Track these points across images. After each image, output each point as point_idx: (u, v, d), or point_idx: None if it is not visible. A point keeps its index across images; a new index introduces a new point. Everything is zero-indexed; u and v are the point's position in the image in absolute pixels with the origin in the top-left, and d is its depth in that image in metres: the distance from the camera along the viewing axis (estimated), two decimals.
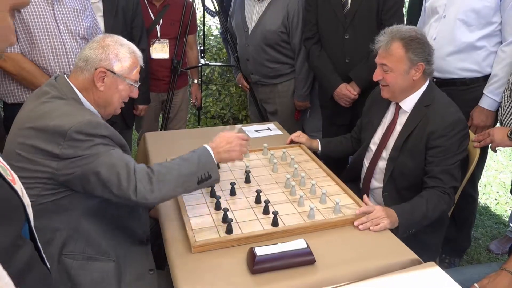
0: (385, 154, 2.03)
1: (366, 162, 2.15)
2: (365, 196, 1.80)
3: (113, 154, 1.43)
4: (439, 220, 2.03)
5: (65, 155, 1.38)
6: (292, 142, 2.36)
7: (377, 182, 2.10)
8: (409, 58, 1.87)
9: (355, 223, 1.67)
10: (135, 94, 1.68)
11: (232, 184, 1.84)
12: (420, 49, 1.87)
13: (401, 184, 1.98)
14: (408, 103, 1.96)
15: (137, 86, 1.66)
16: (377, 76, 1.96)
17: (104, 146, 1.43)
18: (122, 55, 1.58)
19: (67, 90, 1.52)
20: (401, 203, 1.86)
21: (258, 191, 1.79)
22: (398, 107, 2.00)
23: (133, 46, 1.64)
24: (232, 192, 1.84)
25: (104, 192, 1.42)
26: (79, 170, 1.39)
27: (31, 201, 1.38)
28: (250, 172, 1.98)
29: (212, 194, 1.81)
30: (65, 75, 1.58)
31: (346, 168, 2.40)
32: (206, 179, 1.55)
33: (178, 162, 1.55)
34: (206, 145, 1.63)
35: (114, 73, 1.56)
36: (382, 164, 2.05)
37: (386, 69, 1.91)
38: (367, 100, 2.27)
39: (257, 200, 1.78)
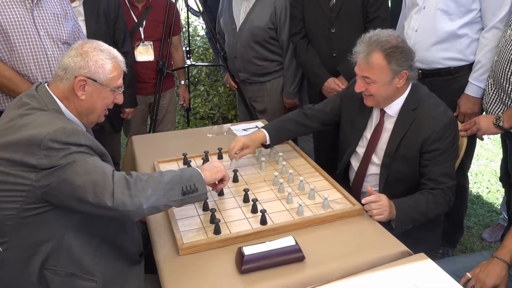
0: (376, 159, 1.98)
1: (354, 166, 2.09)
2: (368, 187, 1.76)
3: (89, 161, 1.36)
4: (437, 217, 2.02)
5: (42, 165, 1.33)
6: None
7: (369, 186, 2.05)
8: (392, 69, 1.79)
9: (363, 201, 1.66)
10: (119, 100, 1.62)
11: None
12: (402, 58, 1.79)
13: (398, 190, 1.92)
14: (394, 108, 1.91)
15: (120, 92, 1.60)
16: (359, 87, 1.87)
17: (80, 154, 1.36)
18: (102, 61, 1.51)
19: (47, 100, 1.48)
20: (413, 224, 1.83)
21: (246, 190, 1.78)
22: (383, 112, 1.95)
23: (114, 51, 1.58)
24: (220, 192, 1.82)
25: (80, 204, 1.34)
26: (55, 180, 1.33)
27: (12, 214, 1.36)
28: (237, 171, 1.96)
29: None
30: (46, 84, 1.53)
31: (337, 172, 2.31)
32: (192, 191, 1.45)
33: (159, 172, 1.48)
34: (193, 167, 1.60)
35: (94, 80, 1.50)
36: (374, 169, 2.00)
37: (369, 81, 1.82)
38: (342, 95, 2.17)
39: (245, 199, 1.77)
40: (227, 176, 1.66)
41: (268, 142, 2.10)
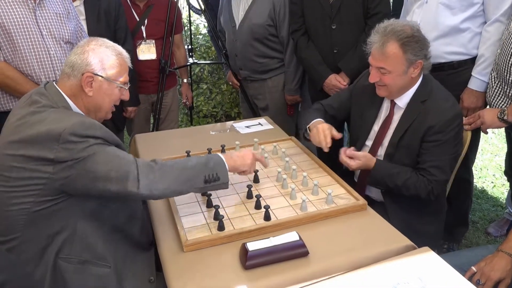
0: (381, 151, 1.98)
1: None
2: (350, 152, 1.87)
3: (109, 151, 1.41)
4: (437, 209, 2.02)
5: (60, 159, 1.35)
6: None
7: None
8: (407, 59, 1.78)
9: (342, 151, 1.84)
10: (126, 96, 1.64)
11: None
12: (418, 47, 1.79)
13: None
14: (404, 99, 1.91)
15: (126, 88, 1.63)
16: (374, 78, 1.86)
17: (98, 145, 1.40)
18: (108, 58, 1.55)
19: (57, 98, 1.50)
20: (399, 198, 1.89)
21: (249, 186, 1.78)
22: (393, 103, 1.94)
23: (119, 48, 1.61)
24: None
25: (102, 191, 1.39)
26: (75, 172, 1.36)
27: (26, 208, 1.37)
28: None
29: (203, 192, 1.79)
30: (54, 82, 1.55)
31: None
32: (213, 179, 1.50)
33: (186, 158, 1.53)
34: (219, 154, 1.61)
35: (101, 76, 1.53)
36: None
37: (384, 71, 1.82)
38: (352, 88, 2.19)
39: (249, 195, 1.77)
40: (248, 171, 1.69)
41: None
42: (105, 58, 1.54)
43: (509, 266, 1.56)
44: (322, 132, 1.95)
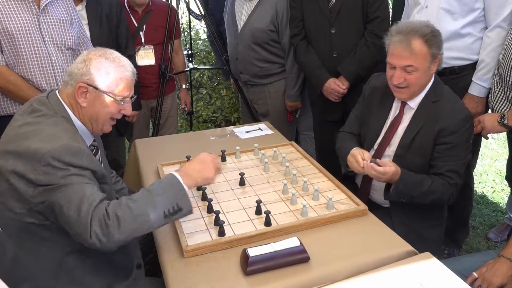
0: (389, 151, 1.96)
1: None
2: (378, 161, 1.76)
3: (82, 189, 1.32)
4: (440, 214, 2.01)
5: (38, 181, 1.32)
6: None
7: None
8: (432, 54, 1.80)
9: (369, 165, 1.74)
10: (127, 111, 1.57)
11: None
12: (439, 41, 1.82)
13: None
14: (416, 100, 1.90)
15: (123, 102, 1.54)
16: (398, 79, 1.82)
17: (77, 177, 1.34)
18: (106, 69, 1.48)
19: (57, 107, 1.48)
20: (406, 203, 1.85)
21: (259, 202, 1.70)
22: (404, 104, 1.93)
23: (123, 60, 1.54)
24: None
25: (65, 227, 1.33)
26: (49, 199, 1.32)
27: (14, 218, 1.36)
28: (244, 174, 1.94)
29: (204, 197, 1.79)
30: (57, 91, 1.53)
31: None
32: (175, 212, 1.37)
33: (141, 196, 1.36)
34: (173, 172, 1.45)
35: (96, 88, 1.47)
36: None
37: (411, 69, 1.79)
38: (363, 91, 2.14)
39: (250, 201, 1.76)
40: (210, 182, 1.53)
41: None
42: (102, 69, 1.48)
43: (510, 272, 1.56)
44: (354, 158, 1.83)
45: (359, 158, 1.80)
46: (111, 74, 1.49)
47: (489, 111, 2.28)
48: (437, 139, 1.83)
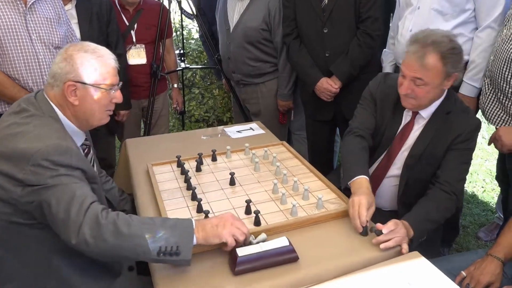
0: (398, 161, 1.91)
1: (371, 168, 1.98)
2: (378, 224, 1.55)
3: (72, 188, 1.31)
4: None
5: (27, 181, 1.30)
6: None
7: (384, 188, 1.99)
8: (446, 72, 1.70)
9: (382, 247, 1.50)
10: (118, 98, 1.56)
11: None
12: (457, 60, 1.71)
13: (415, 191, 1.87)
14: (428, 110, 1.84)
15: (114, 91, 1.54)
16: (405, 90, 1.74)
17: (67, 177, 1.33)
18: (88, 62, 1.47)
19: (45, 108, 1.47)
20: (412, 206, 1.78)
21: (248, 201, 1.70)
22: (415, 113, 1.87)
23: (101, 49, 1.53)
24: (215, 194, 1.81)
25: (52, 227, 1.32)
26: (38, 199, 1.31)
27: (4, 212, 1.35)
28: (234, 174, 1.94)
29: (194, 197, 1.78)
30: (44, 92, 1.52)
31: (334, 170, 2.29)
32: (171, 253, 1.28)
33: (145, 220, 1.33)
34: (193, 219, 1.43)
35: (84, 83, 1.46)
36: (393, 171, 1.94)
37: (420, 83, 1.71)
38: (373, 99, 2.00)
39: (239, 201, 1.76)
40: (226, 234, 1.39)
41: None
42: (85, 63, 1.47)
43: (498, 270, 1.57)
44: (358, 206, 1.60)
45: (356, 214, 1.60)
46: (95, 66, 1.48)
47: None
48: (449, 147, 1.80)
